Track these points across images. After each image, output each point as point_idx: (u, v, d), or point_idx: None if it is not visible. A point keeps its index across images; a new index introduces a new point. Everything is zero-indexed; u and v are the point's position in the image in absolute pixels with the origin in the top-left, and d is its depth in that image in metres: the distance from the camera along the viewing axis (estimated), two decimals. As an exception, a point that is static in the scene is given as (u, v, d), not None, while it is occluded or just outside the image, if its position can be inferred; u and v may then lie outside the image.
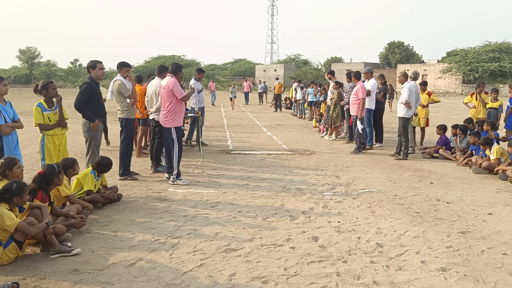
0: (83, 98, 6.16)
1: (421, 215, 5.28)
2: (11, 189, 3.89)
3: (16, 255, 3.87)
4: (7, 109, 5.26)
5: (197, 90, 11.37)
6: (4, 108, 5.22)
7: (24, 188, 3.97)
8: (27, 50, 75.93)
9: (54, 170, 4.58)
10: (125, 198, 5.92)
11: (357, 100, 9.88)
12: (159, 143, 7.58)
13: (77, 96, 6.20)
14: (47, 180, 4.52)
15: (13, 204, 3.94)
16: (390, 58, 64.68)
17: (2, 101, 5.25)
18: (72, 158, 5.42)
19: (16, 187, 3.91)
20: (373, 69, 11.30)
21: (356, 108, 9.92)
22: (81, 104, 6.16)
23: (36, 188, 4.41)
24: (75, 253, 3.95)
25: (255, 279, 3.57)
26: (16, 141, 5.40)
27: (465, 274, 3.67)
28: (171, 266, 3.81)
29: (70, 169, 5.16)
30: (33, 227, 3.86)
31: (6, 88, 5.29)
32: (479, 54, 45.81)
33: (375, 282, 3.53)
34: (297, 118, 19.26)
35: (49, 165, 4.75)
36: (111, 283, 3.48)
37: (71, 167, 5.18)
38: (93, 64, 6.36)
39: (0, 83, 5.22)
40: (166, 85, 6.64)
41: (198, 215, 5.23)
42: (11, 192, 3.88)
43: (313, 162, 8.78)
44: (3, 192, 3.88)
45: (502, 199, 6.03)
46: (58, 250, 3.93)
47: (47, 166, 4.71)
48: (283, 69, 63.43)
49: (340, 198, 6.06)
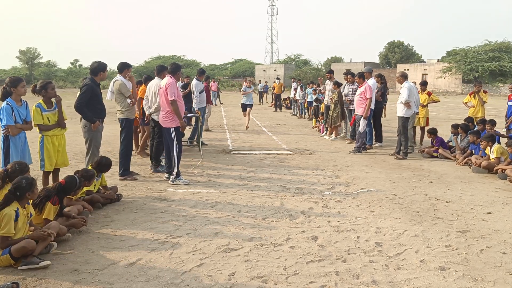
0: (83, 100, 6.18)
1: (420, 215, 5.28)
2: (21, 185, 3.93)
3: (8, 264, 3.78)
4: (21, 110, 5.35)
5: (198, 91, 11.39)
6: (18, 109, 5.30)
7: (33, 183, 4.00)
8: (27, 51, 75.91)
9: (75, 184, 4.73)
10: (125, 198, 5.92)
11: (364, 99, 9.87)
12: (158, 143, 7.59)
13: (78, 98, 6.22)
14: (65, 190, 4.64)
15: (26, 200, 4.00)
16: (390, 57, 64.69)
17: (19, 102, 5.35)
18: (93, 172, 5.53)
19: (26, 182, 3.95)
20: (372, 68, 11.31)
21: (362, 108, 9.89)
22: (81, 106, 6.18)
23: (53, 194, 4.50)
24: (44, 266, 3.73)
25: (254, 278, 3.58)
26: (24, 140, 5.47)
27: (464, 273, 3.68)
28: (170, 265, 3.82)
29: (86, 181, 5.30)
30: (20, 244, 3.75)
31: (24, 90, 5.39)
32: (479, 53, 45.79)
33: (374, 281, 3.53)
34: (297, 118, 19.28)
35: (71, 177, 4.82)
36: (110, 282, 3.49)
37: (87, 180, 5.31)
38: (104, 67, 6.43)
39: (19, 85, 5.31)
40: (164, 86, 6.66)
41: (198, 215, 5.24)
42: (23, 189, 3.92)
43: (312, 161, 8.79)
44: (15, 191, 3.91)
45: (502, 198, 6.04)
46: (28, 262, 3.75)
47: (70, 178, 4.78)
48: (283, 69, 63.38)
49: (339, 197, 6.06)
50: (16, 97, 5.32)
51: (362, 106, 9.89)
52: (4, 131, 5.22)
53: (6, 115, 5.15)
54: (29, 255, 3.75)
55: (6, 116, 5.15)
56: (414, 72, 49.73)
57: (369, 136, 10.52)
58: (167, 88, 6.60)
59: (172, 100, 6.59)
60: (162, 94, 6.74)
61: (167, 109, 6.70)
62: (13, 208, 3.85)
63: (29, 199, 4.07)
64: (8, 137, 5.24)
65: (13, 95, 5.30)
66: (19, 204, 3.94)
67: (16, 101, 5.31)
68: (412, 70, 50.07)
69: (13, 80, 5.35)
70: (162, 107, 6.84)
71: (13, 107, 5.24)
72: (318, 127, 14.12)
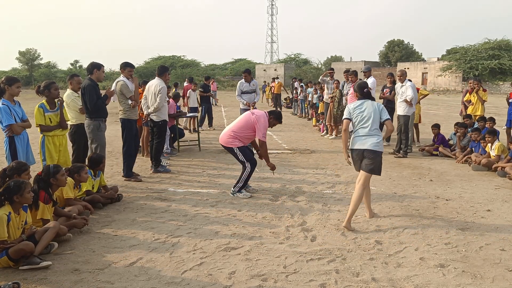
0: (93, 99, 6.15)
1: (420, 212, 5.30)
2: (9, 187, 3.86)
3: (7, 266, 3.78)
4: (16, 109, 5.34)
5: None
6: (14, 108, 5.29)
7: (22, 186, 3.89)
8: (27, 52, 75.86)
9: (49, 170, 4.59)
10: (126, 198, 5.94)
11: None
12: (158, 143, 7.60)
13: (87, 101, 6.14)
14: (45, 180, 4.53)
15: (17, 205, 3.90)
16: (390, 56, 64.57)
17: (12, 101, 5.33)
18: (80, 164, 5.49)
19: (14, 185, 3.87)
20: (370, 67, 11.34)
21: None
22: (95, 105, 6.15)
23: (36, 188, 4.43)
24: (44, 266, 3.73)
25: (254, 277, 3.60)
26: (27, 140, 5.48)
27: (463, 270, 3.69)
28: (171, 265, 3.83)
29: (75, 174, 5.24)
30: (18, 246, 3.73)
31: (18, 90, 5.37)
32: (479, 51, 45.70)
33: (374, 279, 3.55)
34: (297, 117, 19.28)
35: (45, 166, 4.78)
36: (111, 282, 3.51)
37: (76, 172, 5.25)
38: (98, 65, 6.40)
39: (14, 85, 5.29)
40: (258, 123, 6.18)
41: (198, 214, 5.26)
42: (10, 191, 3.84)
43: (313, 160, 8.80)
44: (3, 192, 3.85)
45: (501, 196, 6.05)
46: (29, 262, 3.75)
47: (44, 167, 4.73)
48: (283, 69, 63.34)
49: (339, 196, 6.08)
50: (10, 97, 5.29)
51: None
52: (8, 132, 5.20)
53: (6, 115, 5.13)
54: (29, 256, 3.75)
55: (6, 116, 5.13)
56: (414, 71, 49.70)
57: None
58: (259, 124, 6.08)
59: (263, 142, 6.17)
60: (249, 122, 6.14)
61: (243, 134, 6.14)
62: (4, 211, 3.79)
63: (20, 203, 3.92)
64: (13, 139, 5.22)
65: (6, 95, 5.26)
66: (12, 208, 3.86)
67: (9, 100, 5.28)
68: (412, 68, 50.03)
69: (9, 78, 5.34)
70: (236, 130, 6.18)
71: (9, 106, 5.22)
72: (318, 126, 14.13)
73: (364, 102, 5.04)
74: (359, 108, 5.02)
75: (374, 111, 4.95)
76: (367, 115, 4.93)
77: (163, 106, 7.49)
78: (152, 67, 59.07)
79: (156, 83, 7.48)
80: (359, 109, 5.01)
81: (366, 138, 4.87)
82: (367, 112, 4.95)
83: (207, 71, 65.31)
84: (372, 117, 4.91)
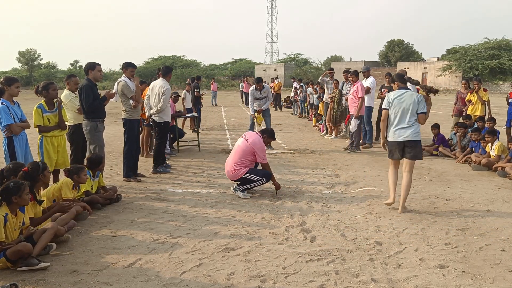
0: (89, 99, 6.11)
1: (420, 213, 5.28)
2: (8, 188, 3.84)
3: (5, 267, 3.76)
4: (16, 109, 5.33)
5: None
6: (13, 108, 5.28)
7: (21, 187, 3.88)
8: (26, 52, 75.82)
9: (39, 167, 4.53)
10: (125, 198, 5.93)
11: (357, 99, 9.86)
12: (159, 144, 7.58)
13: (83, 102, 6.11)
14: (32, 177, 4.40)
15: (14, 206, 3.88)
16: (390, 56, 64.57)
17: (11, 102, 5.32)
18: (80, 165, 5.47)
19: (13, 186, 3.85)
20: (369, 67, 11.33)
21: (355, 107, 9.88)
22: (91, 106, 6.10)
23: None
24: (43, 267, 3.71)
25: (253, 278, 3.58)
26: (26, 141, 5.47)
27: (463, 271, 3.68)
28: (170, 266, 3.82)
29: (75, 175, 5.22)
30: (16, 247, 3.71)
31: (18, 90, 5.37)
32: (479, 51, 45.68)
33: (374, 280, 3.53)
34: (296, 117, 19.28)
35: (33, 162, 4.71)
36: (110, 283, 3.49)
37: (76, 173, 5.22)
38: (92, 65, 6.35)
39: (13, 85, 5.29)
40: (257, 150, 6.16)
41: (198, 215, 5.24)
42: (9, 191, 3.82)
43: (312, 161, 8.78)
44: (1, 193, 3.84)
45: (501, 196, 6.03)
46: (27, 263, 3.73)
47: (32, 163, 4.64)
48: (283, 69, 63.28)
49: (339, 196, 6.06)
50: (9, 97, 5.28)
51: (354, 105, 9.89)
52: (6, 133, 5.18)
53: (5, 115, 5.12)
54: (27, 257, 3.73)
55: (5, 116, 5.12)
56: (414, 71, 49.65)
57: (369, 135, 10.51)
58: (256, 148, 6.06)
59: (265, 164, 6.17)
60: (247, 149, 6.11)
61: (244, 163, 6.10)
62: (1, 213, 3.77)
63: (18, 204, 3.90)
64: (12, 139, 5.20)
65: (6, 95, 5.26)
66: (9, 209, 3.85)
67: (9, 101, 5.27)
68: (412, 68, 50.01)
69: (9, 78, 5.34)
70: (238, 160, 6.13)
71: (8, 106, 5.21)
72: (318, 127, 14.12)
73: (405, 93, 5.23)
74: (399, 99, 5.21)
75: (413, 103, 5.18)
76: (405, 106, 5.18)
77: (166, 107, 7.48)
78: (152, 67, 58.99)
79: (161, 84, 7.45)
80: (399, 99, 5.21)
81: (406, 130, 5.20)
82: (405, 104, 5.19)
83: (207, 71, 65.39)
84: (411, 110, 5.17)
